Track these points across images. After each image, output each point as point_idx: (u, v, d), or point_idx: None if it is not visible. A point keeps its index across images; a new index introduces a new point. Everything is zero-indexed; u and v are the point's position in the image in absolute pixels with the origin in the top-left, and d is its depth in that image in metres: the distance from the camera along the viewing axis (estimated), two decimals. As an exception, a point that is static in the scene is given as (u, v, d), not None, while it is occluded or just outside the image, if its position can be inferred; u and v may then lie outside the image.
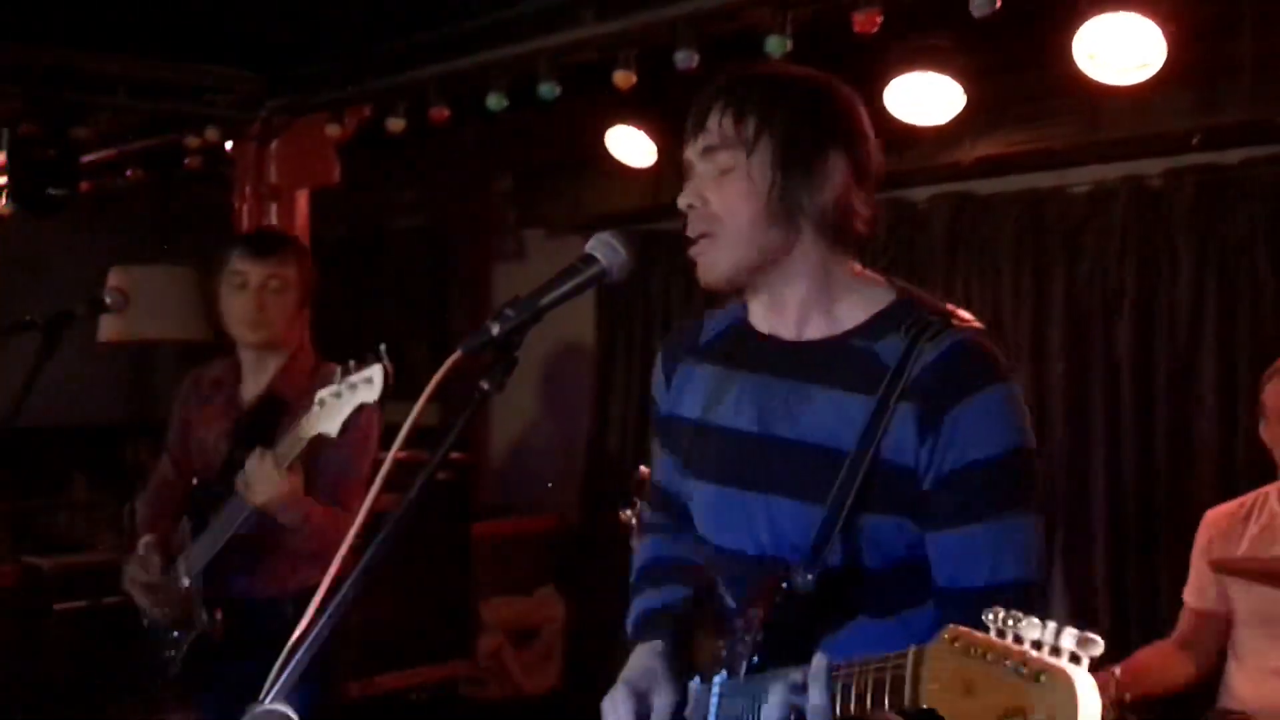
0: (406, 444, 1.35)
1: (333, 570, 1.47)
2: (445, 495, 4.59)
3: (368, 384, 2.32)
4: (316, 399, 2.39)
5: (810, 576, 1.44)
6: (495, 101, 3.33)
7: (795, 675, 1.33)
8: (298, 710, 1.44)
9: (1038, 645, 1.03)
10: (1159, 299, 3.69)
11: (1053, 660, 1.01)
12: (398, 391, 2.51)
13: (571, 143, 4.73)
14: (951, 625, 1.10)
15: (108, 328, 5.30)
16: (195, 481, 2.80)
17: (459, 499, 4.75)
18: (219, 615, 2.65)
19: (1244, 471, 3.33)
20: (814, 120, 1.51)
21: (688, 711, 1.56)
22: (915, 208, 4.20)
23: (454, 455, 2.75)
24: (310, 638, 1.38)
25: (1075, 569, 3.75)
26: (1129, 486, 3.70)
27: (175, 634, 2.75)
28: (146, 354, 6.15)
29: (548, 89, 3.15)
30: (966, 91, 3.45)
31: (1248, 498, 2.93)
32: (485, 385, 1.43)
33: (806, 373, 1.53)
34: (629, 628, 1.74)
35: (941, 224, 4.11)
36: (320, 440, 2.45)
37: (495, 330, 1.42)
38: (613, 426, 5.25)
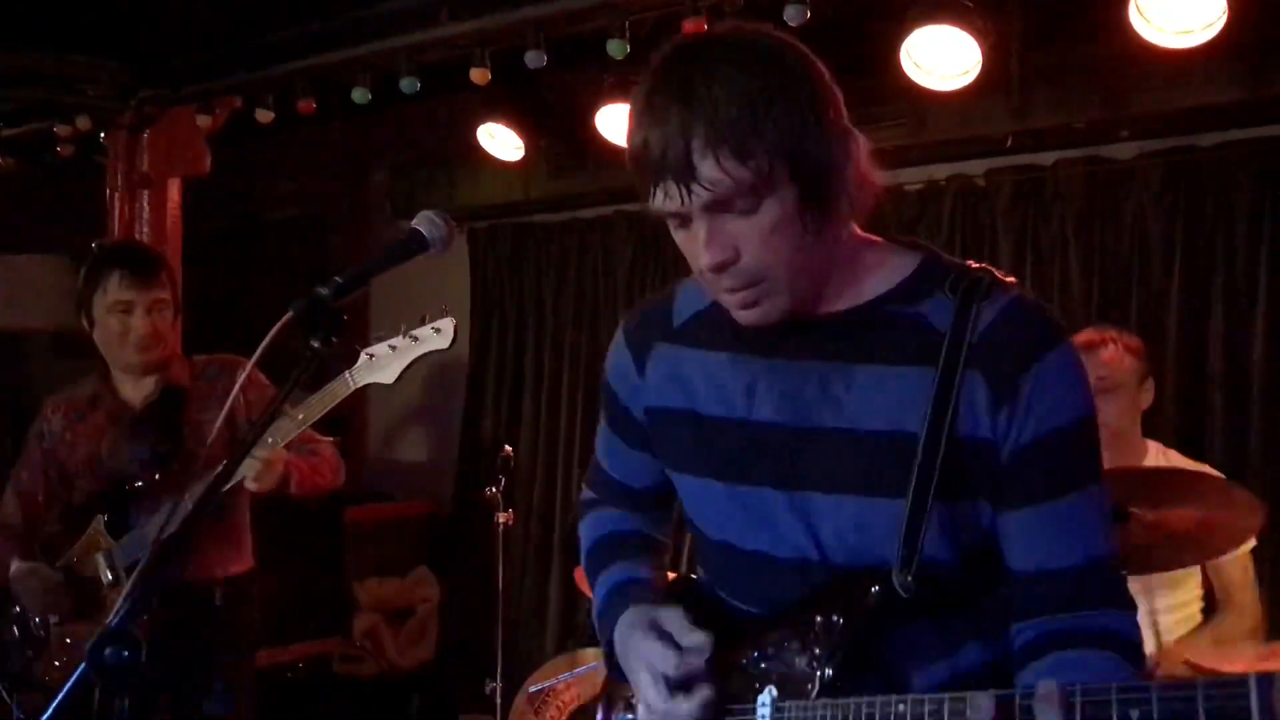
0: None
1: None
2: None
3: (436, 334, 2.50)
4: (364, 353, 2.53)
5: (909, 579, 1.26)
6: (360, 95, 3.48)
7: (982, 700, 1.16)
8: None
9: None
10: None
11: None
12: (272, 379, 2.79)
13: (444, 137, 4.89)
14: (1061, 679, 1.02)
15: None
16: (99, 488, 2.84)
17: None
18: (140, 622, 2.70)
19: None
20: (807, 108, 1.25)
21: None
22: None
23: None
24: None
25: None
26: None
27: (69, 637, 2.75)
28: (17, 343, 6.10)
29: (408, 84, 3.31)
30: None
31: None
32: (315, 344, 1.59)
33: (845, 351, 1.33)
34: (599, 602, 1.56)
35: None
36: (243, 406, 2.74)
37: (324, 293, 1.56)
38: (486, 414, 5.41)
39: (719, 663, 1.36)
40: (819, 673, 1.29)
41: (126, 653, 1.40)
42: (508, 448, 4.15)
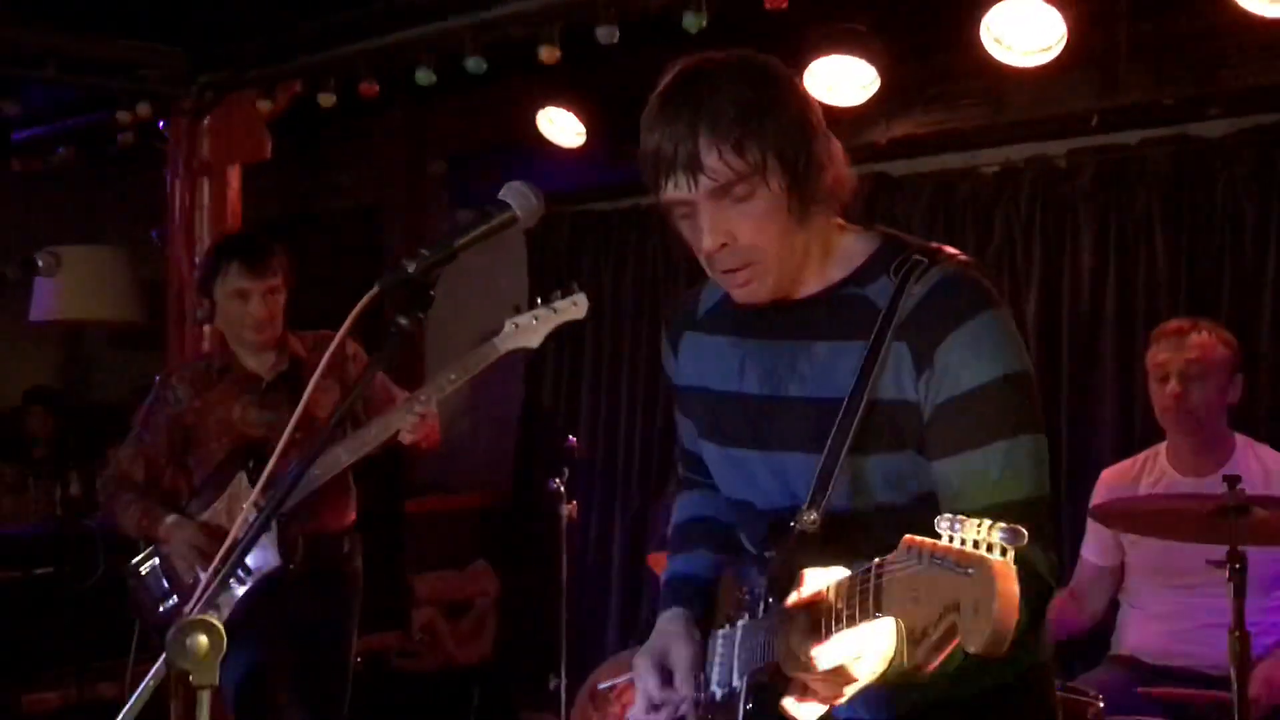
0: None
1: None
2: (378, 472, 4.67)
3: (573, 305, 2.92)
4: (509, 323, 2.89)
5: (813, 518, 1.49)
6: (424, 77, 3.41)
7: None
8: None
9: (976, 544, 1.05)
10: (1064, 273, 3.86)
11: (980, 553, 1.04)
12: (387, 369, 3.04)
13: (503, 125, 4.82)
14: (907, 535, 1.14)
15: (40, 306, 5.29)
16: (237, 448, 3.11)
17: (391, 476, 4.81)
18: (292, 561, 2.97)
19: (1141, 434, 3.52)
20: (794, 115, 1.50)
21: (711, 656, 1.64)
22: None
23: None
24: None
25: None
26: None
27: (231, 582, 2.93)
28: (76, 334, 6.13)
29: (475, 64, 3.24)
30: (880, 75, 3.59)
31: (1140, 456, 3.10)
32: (402, 321, 1.52)
33: (807, 329, 1.57)
34: (663, 584, 1.81)
35: (858, 203, 4.24)
36: (353, 377, 3.12)
37: (411, 268, 1.51)
38: (544, 406, 5.34)
39: (733, 600, 1.66)
40: (764, 598, 1.55)
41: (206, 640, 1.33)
42: (572, 439, 4.07)
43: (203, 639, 1.32)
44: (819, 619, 1.28)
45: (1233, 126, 3.57)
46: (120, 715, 1.33)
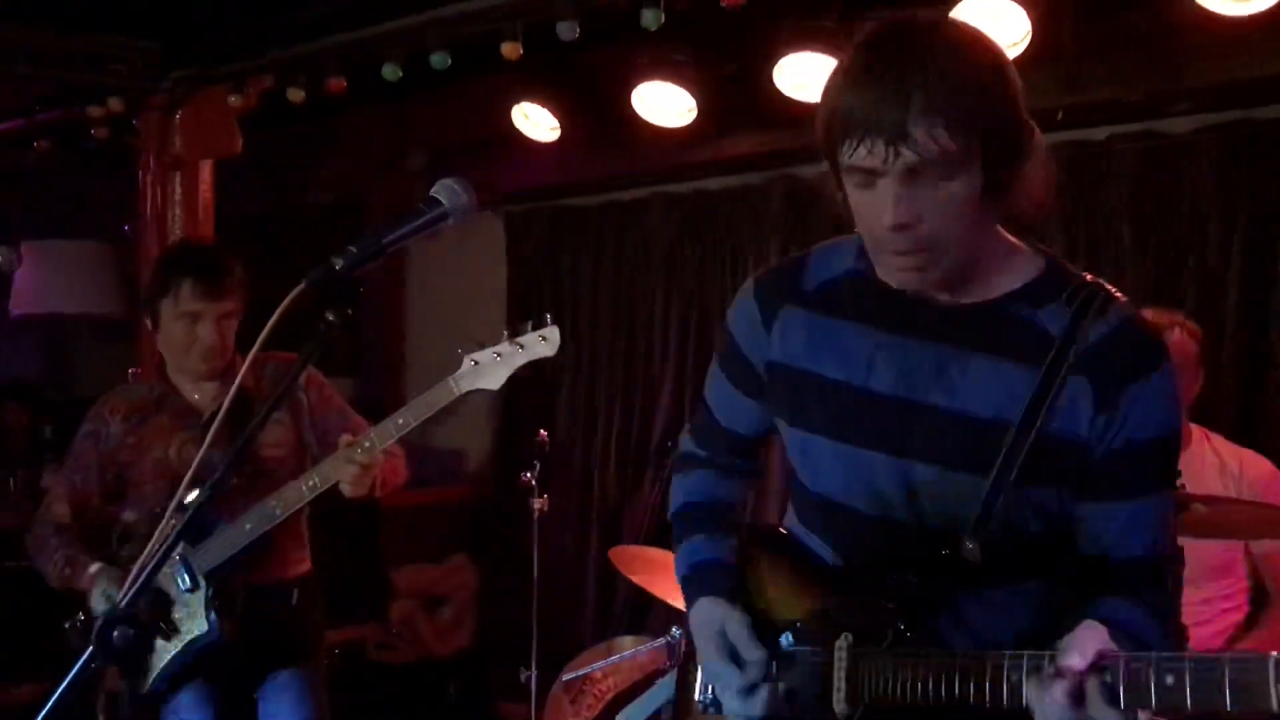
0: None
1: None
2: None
3: (542, 341, 2.57)
4: (468, 359, 2.56)
5: (973, 546, 1.43)
6: (390, 72, 3.43)
7: (1038, 659, 1.32)
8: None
9: None
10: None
11: None
12: (317, 364, 2.81)
13: (480, 120, 4.83)
14: None
15: (19, 300, 5.31)
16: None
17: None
18: (228, 623, 2.68)
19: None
20: (1010, 98, 1.39)
21: (780, 670, 1.57)
22: (809, 184, 4.35)
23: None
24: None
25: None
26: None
27: (157, 642, 2.70)
28: (56, 327, 6.14)
29: (440, 59, 3.26)
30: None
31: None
32: (330, 317, 1.54)
33: (964, 339, 1.48)
34: (680, 573, 1.73)
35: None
36: (306, 407, 2.82)
37: (339, 264, 1.52)
38: (523, 399, 5.36)
39: (799, 608, 1.58)
40: (893, 624, 1.45)
41: (133, 634, 1.34)
42: (543, 433, 4.10)
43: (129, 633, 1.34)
44: (1111, 685, 1.23)
45: (1198, 123, 3.58)
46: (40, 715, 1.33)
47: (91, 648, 1.33)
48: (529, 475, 4.00)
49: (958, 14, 3.30)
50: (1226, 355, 3.51)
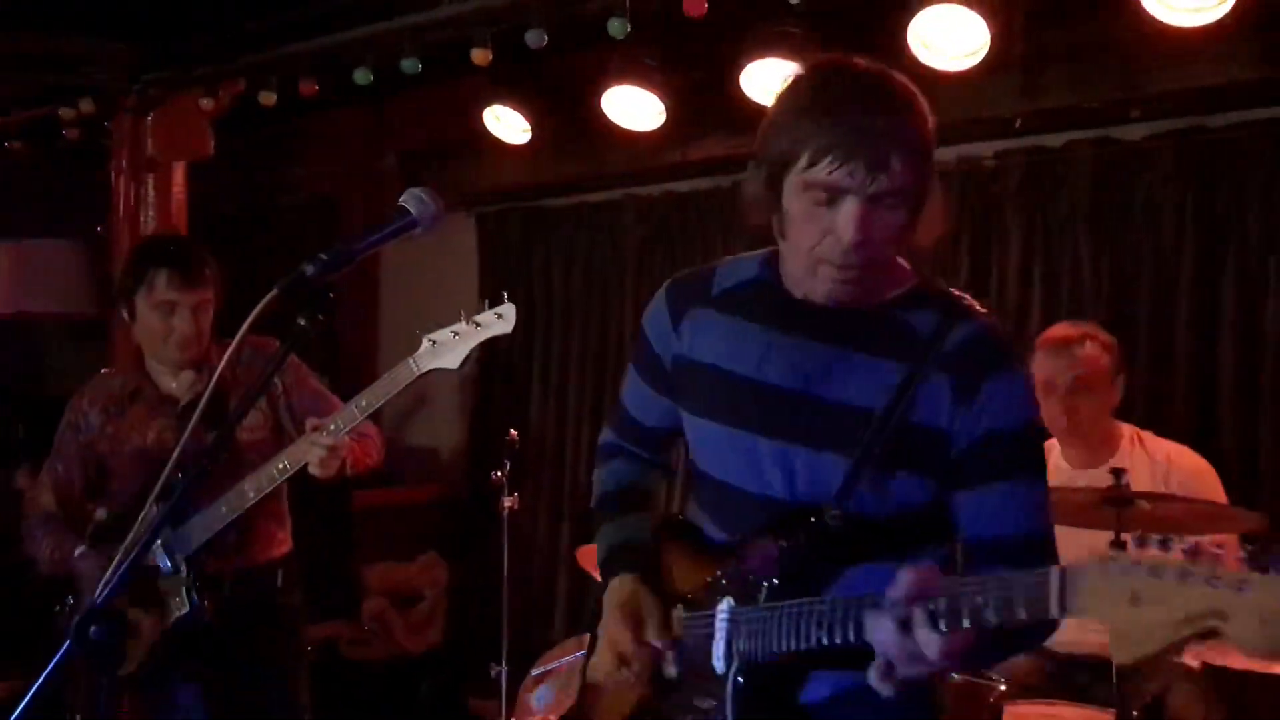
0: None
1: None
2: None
3: (498, 319, 2.58)
4: (426, 339, 2.58)
5: (837, 513, 1.59)
6: (361, 76, 3.47)
7: (877, 597, 1.42)
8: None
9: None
10: (992, 270, 3.97)
11: (1253, 573, 1.12)
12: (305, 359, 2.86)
13: (454, 121, 4.88)
14: (1098, 552, 1.23)
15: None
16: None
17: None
18: (208, 603, 2.75)
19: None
20: (932, 157, 1.60)
21: (678, 633, 1.70)
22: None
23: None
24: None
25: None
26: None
27: (144, 623, 2.77)
28: (28, 327, 6.14)
29: (410, 64, 3.30)
30: (815, 76, 3.67)
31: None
32: (301, 322, 1.59)
33: (848, 340, 1.64)
34: (600, 556, 1.87)
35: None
36: (281, 390, 2.86)
37: (310, 271, 1.58)
38: (495, 398, 5.41)
39: (693, 583, 1.73)
40: (765, 585, 1.61)
41: (111, 630, 1.39)
42: (513, 432, 4.15)
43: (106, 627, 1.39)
44: (934, 612, 1.35)
45: (1151, 129, 3.68)
46: (20, 706, 1.38)
47: (68, 642, 1.37)
48: (500, 474, 4.06)
49: (919, 22, 3.38)
50: (1178, 355, 3.61)
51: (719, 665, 1.63)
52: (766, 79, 3.77)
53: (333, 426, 2.64)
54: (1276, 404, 3.46)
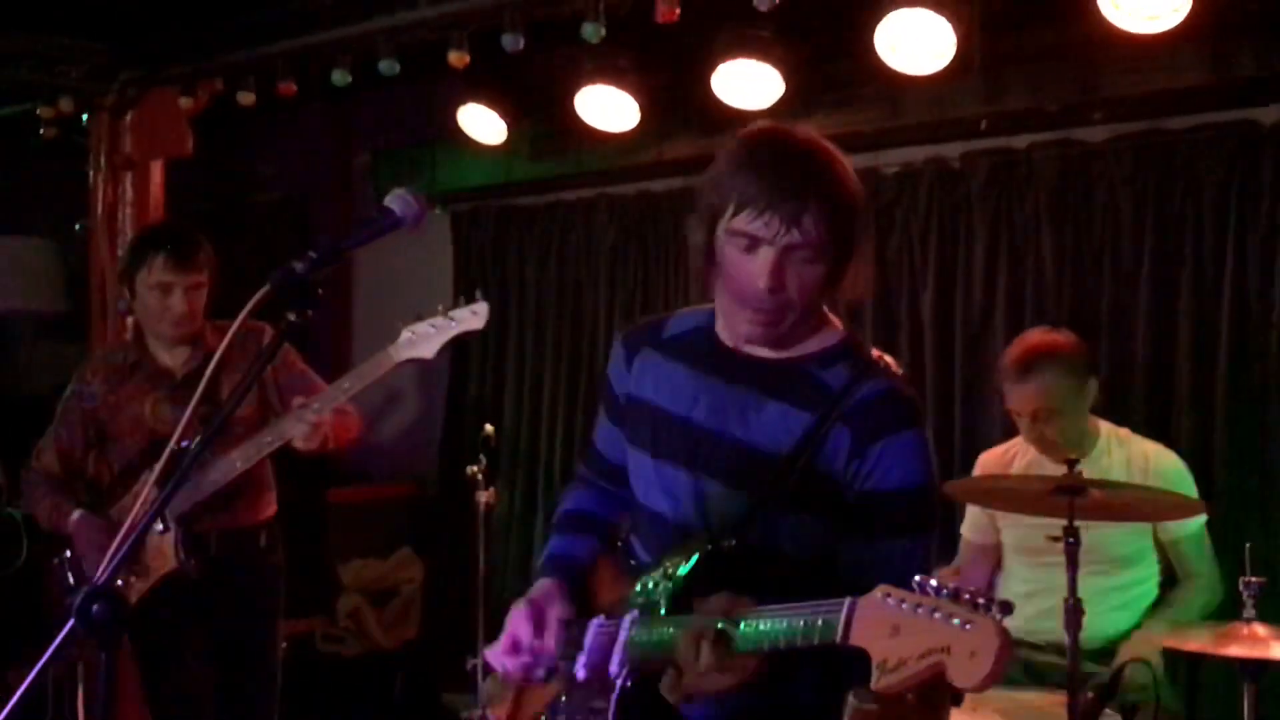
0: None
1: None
2: (302, 462, 4.75)
3: (473, 315, 2.84)
4: (406, 331, 2.86)
5: (733, 541, 1.74)
6: (339, 77, 3.51)
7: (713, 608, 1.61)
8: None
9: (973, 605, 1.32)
10: (958, 268, 4.06)
11: (983, 615, 1.29)
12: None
13: (427, 119, 4.93)
14: (883, 584, 1.41)
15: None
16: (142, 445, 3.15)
17: (315, 465, 4.89)
18: (194, 561, 3.03)
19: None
20: (859, 213, 1.75)
21: (587, 640, 1.82)
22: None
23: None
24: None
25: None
26: (930, 437, 4.06)
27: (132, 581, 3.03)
28: (2, 325, 6.12)
29: (387, 66, 3.35)
30: (784, 79, 3.75)
31: (1015, 441, 3.30)
32: (292, 316, 1.65)
33: (765, 387, 1.80)
34: (540, 561, 2.05)
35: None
36: (270, 371, 3.14)
37: (300, 268, 1.64)
38: (469, 396, 5.46)
39: (612, 594, 1.88)
40: (664, 601, 1.75)
41: (113, 608, 1.44)
42: (489, 427, 4.21)
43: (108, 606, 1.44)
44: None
45: (1111, 132, 3.78)
46: (25, 682, 1.43)
47: (72, 620, 1.43)
48: (475, 469, 4.11)
49: (886, 26, 3.47)
50: (1138, 353, 3.71)
51: (613, 670, 1.77)
52: (736, 81, 3.86)
53: (316, 405, 2.90)
54: (1231, 399, 3.56)
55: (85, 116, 4.42)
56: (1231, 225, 3.56)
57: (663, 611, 1.74)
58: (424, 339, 2.84)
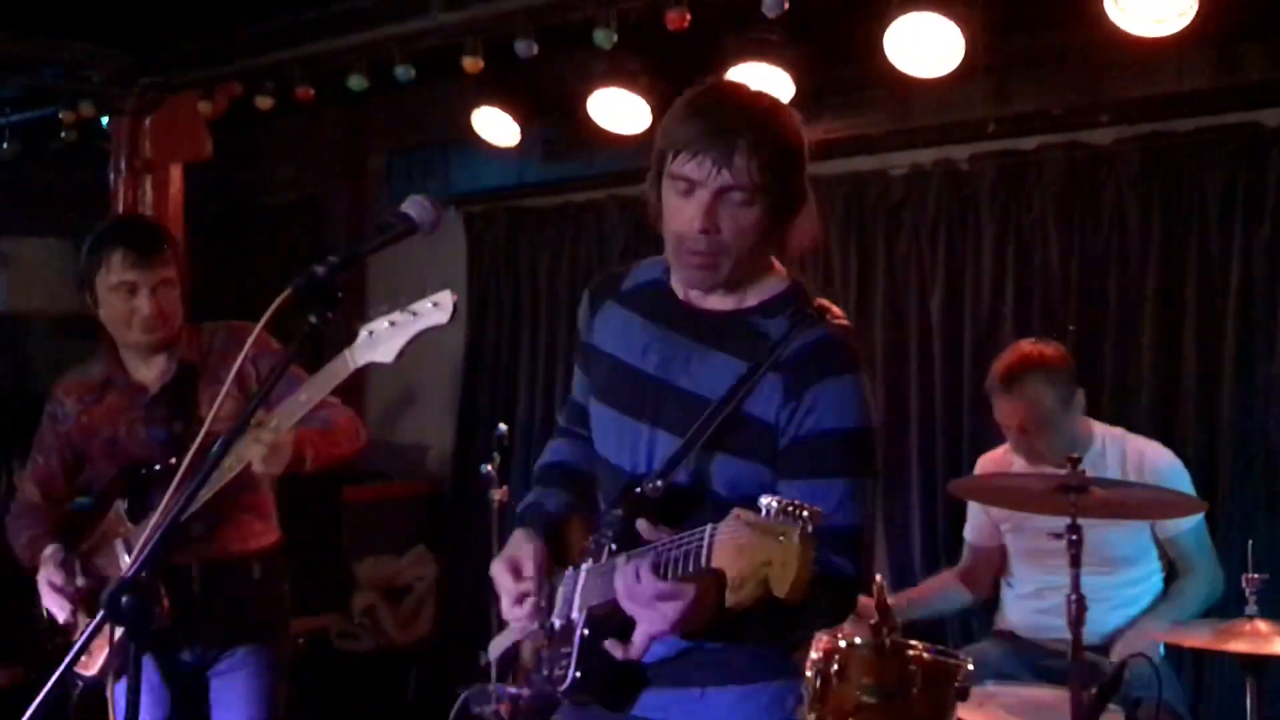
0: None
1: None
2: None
3: (436, 309, 2.29)
4: (364, 330, 2.37)
5: (659, 484, 1.79)
6: (356, 83, 3.56)
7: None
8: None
9: (792, 517, 1.44)
10: (966, 270, 4.10)
11: (790, 525, 1.42)
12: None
13: (440, 122, 4.98)
14: (737, 509, 1.49)
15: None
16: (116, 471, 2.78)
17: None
18: (165, 605, 2.61)
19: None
20: (801, 160, 1.78)
21: (558, 590, 1.89)
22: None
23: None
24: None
25: (894, 516, 4.16)
26: (939, 439, 4.11)
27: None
28: (20, 326, 6.19)
29: (403, 72, 3.40)
30: (795, 82, 3.79)
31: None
32: (312, 320, 1.70)
33: (709, 339, 1.84)
34: (519, 512, 2.07)
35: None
36: (255, 377, 2.68)
37: (321, 271, 1.69)
38: (482, 394, 5.51)
39: (578, 545, 1.92)
40: (607, 547, 1.82)
41: (142, 599, 1.49)
42: (503, 425, 4.25)
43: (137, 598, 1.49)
44: (659, 564, 1.62)
45: (1118, 134, 3.81)
46: (63, 664, 1.47)
47: (103, 610, 1.47)
48: (489, 467, 4.16)
49: (895, 30, 3.50)
50: (1144, 352, 3.74)
51: (575, 616, 1.84)
52: (748, 83, 3.89)
53: (274, 424, 2.49)
54: (1237, 398, 3.59)
55: (105, 120, 4.48)
56: (1237, 227, 3.59)
57: (604, 557, 1.81)
58: (383, 339, 2.35)
